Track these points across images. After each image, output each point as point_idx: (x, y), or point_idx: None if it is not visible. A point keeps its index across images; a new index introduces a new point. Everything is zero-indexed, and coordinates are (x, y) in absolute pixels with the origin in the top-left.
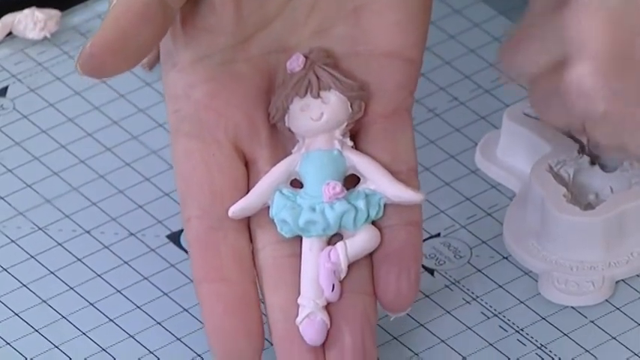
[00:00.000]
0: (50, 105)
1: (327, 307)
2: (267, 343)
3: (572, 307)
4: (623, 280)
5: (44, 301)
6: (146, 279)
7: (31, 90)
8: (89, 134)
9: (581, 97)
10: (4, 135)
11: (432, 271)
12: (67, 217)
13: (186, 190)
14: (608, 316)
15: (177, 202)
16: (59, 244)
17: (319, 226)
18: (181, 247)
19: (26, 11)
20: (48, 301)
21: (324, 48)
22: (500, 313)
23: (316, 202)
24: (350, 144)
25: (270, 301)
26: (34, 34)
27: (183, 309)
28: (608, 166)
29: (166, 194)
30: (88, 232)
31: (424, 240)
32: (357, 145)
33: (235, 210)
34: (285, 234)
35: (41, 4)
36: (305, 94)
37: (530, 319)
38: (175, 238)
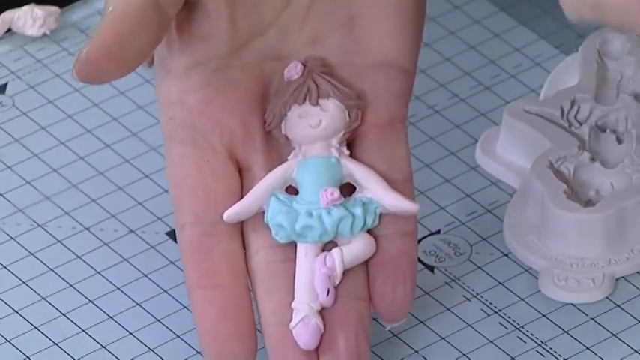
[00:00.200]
0: (50, 102)
1: (321, 312)
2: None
3: (573, 304)
4: (623, 277)
5: (44, 299)
6: (146, 276)
7: (31, 87)
8: (89, 131)
9: None
10: (3, 132)
11: (431, 268)
12: (67, 214)
13: (180, 196)
14: (608, 313)
15: None
16: (59, 241)
17: (316, 232)
18: None
19: (25, 8)
20: (47, 299)
21: (319, 57)
22: (501, 310)
23: (313, 208)
24: (347, 152)
25: (263, 305)
26: (33, 30)
27: (183, 306)
28: (608, 163)
29: (166, 191)
30: (87, 229)
31: (424, 237)
32: (352, 154)
33: (230, 214)
34: (280, 239)
35: (40, 0)
36: (303, 101)
37: (531, 316)
38: (175, 235)
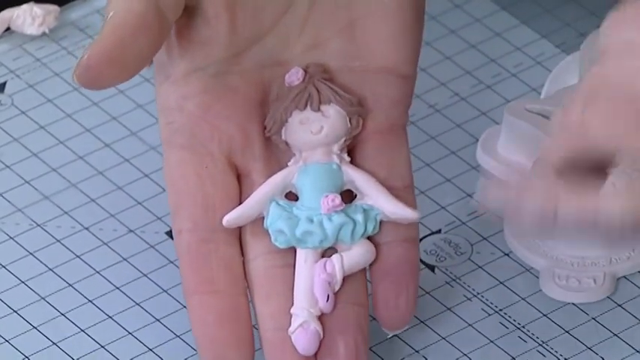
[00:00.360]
0: (49, 101)
1: (320, 317)
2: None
3: (574, 304)
4: (624, 277)
5: (43, 298)
6: (145, 276)
7: (30, 86)
8: (88, 130)
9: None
10: (2, 131)
11: (432, 268)
12: (66, 213)
13: (178, 202)
14: (609, 313)
15: None
16: (58, 240)
17: (316, 238)
18: None
19: (24, 6)
20: (46, 298)
21: (320, 63)
22: (501, 310)
23: (314, 214)
24: (347, 159)
25: (261, 311)
26: (32, 29)
27: (182, 306)
28: None
29: (165, 191)
30: (86, 228)
31: (425, 236)
32: (353, 161)
33: (230, 219)
34: (280, 244)
35: None
36: (305, 107)
37: (532, 316)
38: None
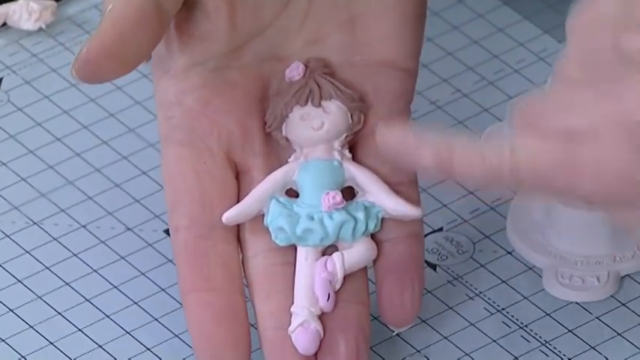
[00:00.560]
0: (45, 97)
1: (321, 316)
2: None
3: (577, 303)
4: (628, 276)
5: (39, 297)
6: (143, 274)
7: (26, 82)
8: (85, 127)
9: None
10: None
11: (434, 267)
12: (63, 211)
13: (176, 198)
14: (613, 312)
15: None
16: (55, 238)
17: (317, 236)
18: None
19: (21, 1)
20: (43, 297)
21: (321, 58)
22: (504, 309)
23: (314, 211)
24: (349, 155)
25: (261, 309)
26: (29, 24)
27: (181, 305)
28: None
29: (164, 188)
30: (84, 226)
31: (427, 234)
32: (355, 157)
33: (229, 216)
34: (280, 242)
35: None
36: (306, 102)
37: (535, 315)
38: None
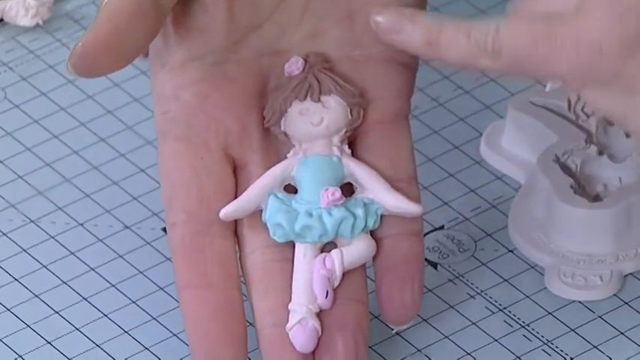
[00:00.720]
0: (42, 94)
1: (319, 314)
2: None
3: (580, 302)
4: (631, 274)
5: (36, 296)
6: (141, 273)
7: (23, 79)
8: (82, 124)
9: None
10: None
11: (435, 265)
12: (60, 209)
13: (173, 194)
14: (616, 311)
15: None
16: (52, 237)
17: (315, 232)
18: None
19: None
20: (40, 296)
21: (320, 52)
22: (506, 308)
23: (313, 208)
24: (348, 151)
25: (259, 306)
26: (25, 20)
27: (179, 304)
28: (616, 156)
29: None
30: (81, 224)
31: (427, 233)
32: (354, 153)
33: (227, 212)
34: (278, 238)
35: None
36: (305, 97)
37: (537, 314)
38: None
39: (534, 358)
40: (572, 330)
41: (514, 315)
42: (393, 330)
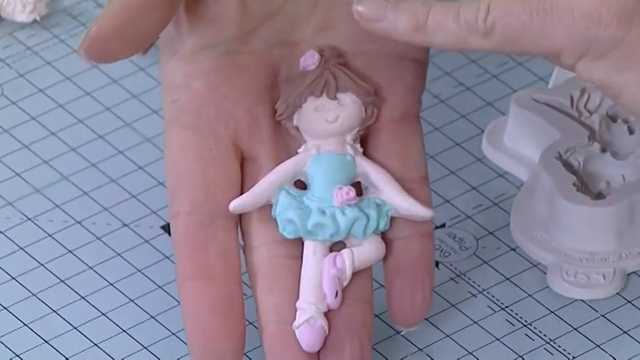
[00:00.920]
0: (40, 90)
1: (326, 314)
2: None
3: (582, 301)
4: (634, 272)
5: (34, 295)
6: (140, 271)
7: (20, 75)
8: (80, 121)
9: None
10: None
11: (436, 263)
12: (58, 207)
13: (178, 184)
14: (619, 310)
15: None
16: (49, 235)
17: (328, 231)
18: None
19: None
20: (38, 295)
21: (334, 47)
22: (508, 306)
23: (326, 206)
24: (361, 150)
25: (263, 301)
26: (23, 16)
27: (178, 303)
28: (619, 154)
29: (161, 183)
30: (79, 222)
31: None
32: (365, 151)
33: (236, 205)
34: (288, 235)
35: None
36: (321, 94)
37: (539, 312)
38: (170, 229)
39: (536, 357)
40: (574, 329)
41: (516, 314)
42: (400, 332)
